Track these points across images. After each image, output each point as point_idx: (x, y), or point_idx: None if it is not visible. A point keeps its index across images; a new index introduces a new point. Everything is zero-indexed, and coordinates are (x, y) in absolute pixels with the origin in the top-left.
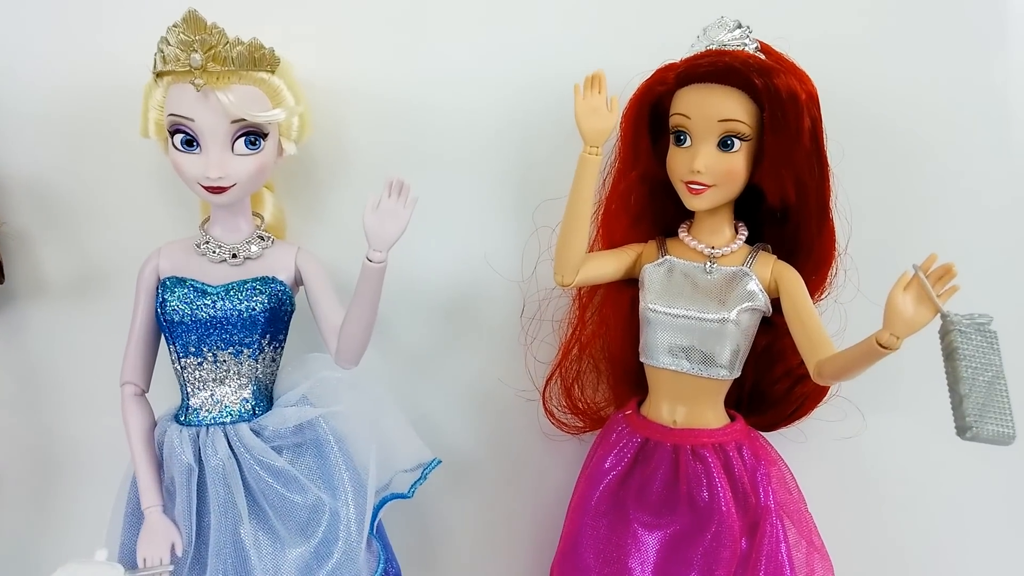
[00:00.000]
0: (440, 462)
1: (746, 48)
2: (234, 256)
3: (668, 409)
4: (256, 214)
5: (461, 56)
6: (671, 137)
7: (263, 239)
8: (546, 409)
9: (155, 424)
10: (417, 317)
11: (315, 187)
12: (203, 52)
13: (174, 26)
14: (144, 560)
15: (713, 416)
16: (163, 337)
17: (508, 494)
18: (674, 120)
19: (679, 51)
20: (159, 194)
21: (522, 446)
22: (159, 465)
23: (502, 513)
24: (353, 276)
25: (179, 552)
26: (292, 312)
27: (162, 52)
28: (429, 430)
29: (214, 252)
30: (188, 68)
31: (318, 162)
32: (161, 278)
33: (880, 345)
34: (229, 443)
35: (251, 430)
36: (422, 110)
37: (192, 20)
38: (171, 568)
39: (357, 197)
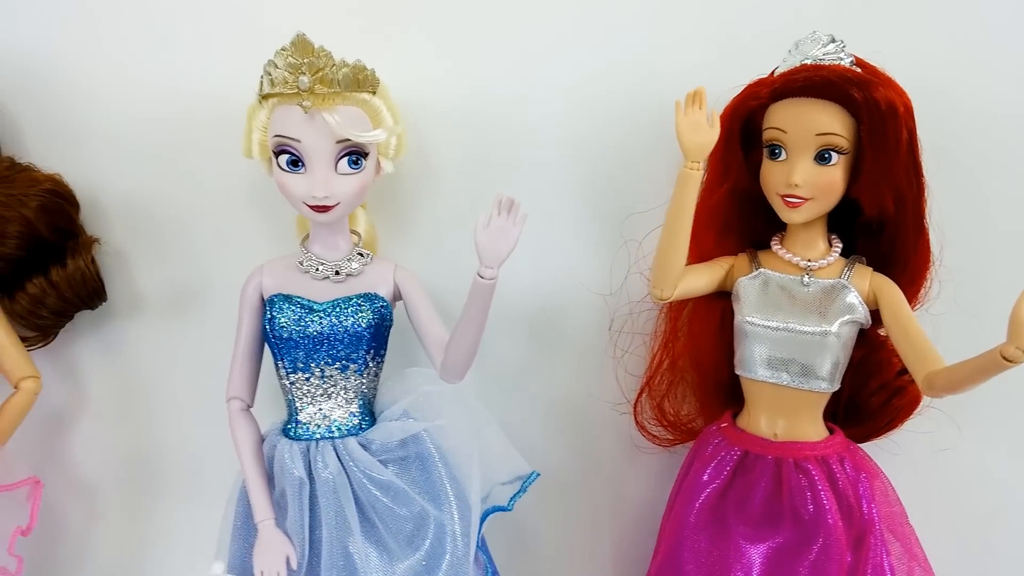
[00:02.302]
0: (539, 475)
1: (842, 62)
2: (337, 273)
3: (767, 422)
4: (353, 232)
5: (547, 68)
6: (765, 151)
7: (362, 255)
8: (637, 422)
9: (262, 438)
10: (504, 331)
11: (399, 202)
12: (311, 75)
13: (282, 49)
14: (262, 573)
15: (813, 429)
16: (271, 353)
17: (595, 507)
18: (769, 134)
19: (765, 65)
20: (251, 211)
21: (609, 459)
22: (269, 478)
23: (589, 525)
24: (437, 290)
25: (294, 565)
26: (391, 327)
27: (269, 75)
28: (516, 443)
29: (317, 269)
30: (296, 90)
31: (403, 177)
32: (266, 295)
33: (1004, 358)
34: (339, 457)
35: (359, 444)
36: (507, 123)
37: (301, 44)
38: None
39: (441, 212)
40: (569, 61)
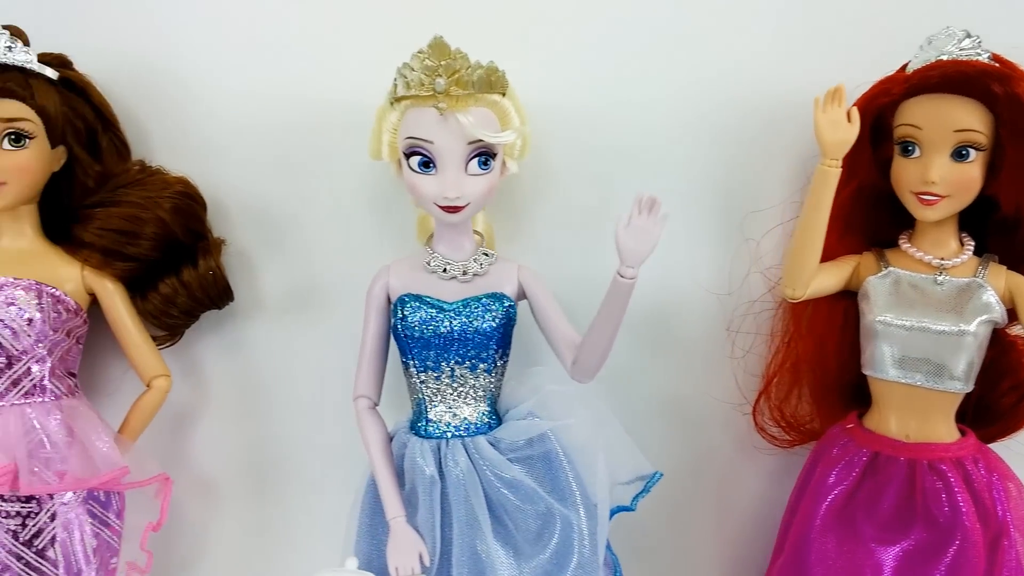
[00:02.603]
0: (662, 475)
1: (980, 58)
2: (464, 273)
3: (898, 423)
4: (476, 232)
5: (663, 68)
6: (897, 148)
7: (487, 255)
8: (756, 423)
9: (389, 436)
10: (621, 329)
11: (512, 202)
12: (447, 77)
13: (419, 52)
14: (396, 569)
15: (946, 430)
16: (400, 352)
17: (709, 506)
18: (902, 131)
19: (891, 62)
20: (369, 213)
21: (723, 459)
22: (398, 475)
23: (703, 525)
24: (554, 290)
25: (427, 562)
26: (514, 326)
27: (404, 78)
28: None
29: (444, 270)
30: (432, 92)
31: (521, 177)
32: (393, 295)
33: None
34: (468, 455)
35: (488, 442)
36: (625, 123)
37: (438, 46)
38: None
39: (557, 212)
40: (688, 63)
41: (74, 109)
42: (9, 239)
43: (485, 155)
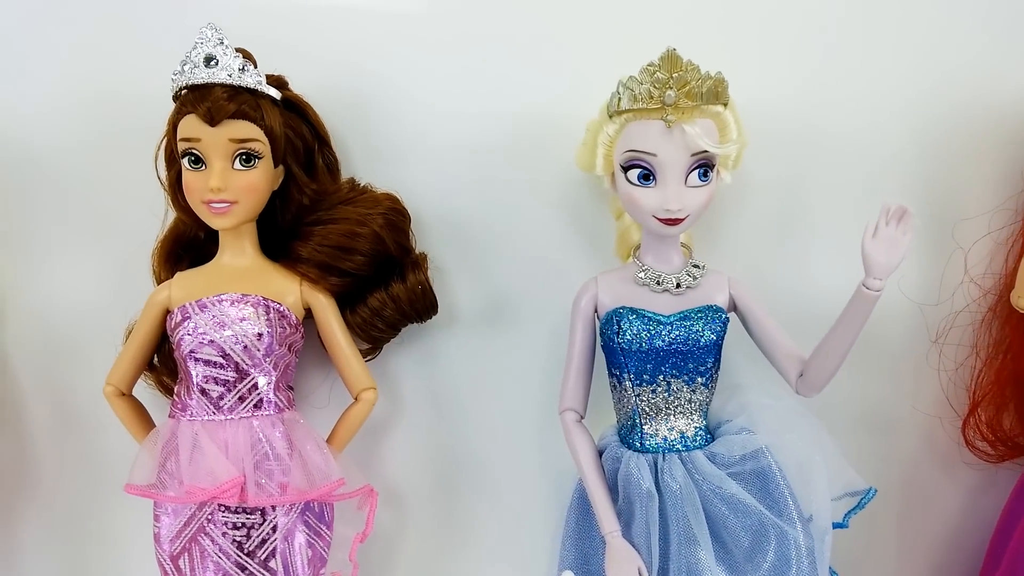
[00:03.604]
0: (876, 491)
1: None
2: (677, 286)
3: None
4: (683, 245)
5: (868, 74)
6: None
7: (698, 267)
8: (965, 437)
9: (598, 449)
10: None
11: (710, 214)
12: (677, 89)
13: (650, 65)
14: None
15: None
16: (610, 365)
17: (908, 520)
18: None
19: None
20: (562, 225)
21: (923, 472)
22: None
23: (902, 538)
24: None
25: None
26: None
27: (631, 91)
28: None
29: (657, 282)
30: (660, 105)
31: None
32: (601, 309)
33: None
34: (686, 469)
35: (705, 457)
36: (828, 129)
37: (670, 58)
38: None
39: (753, 222)
40: (890, 65)
41: (294, 129)
42: (231, 256)
43: (706, 167)
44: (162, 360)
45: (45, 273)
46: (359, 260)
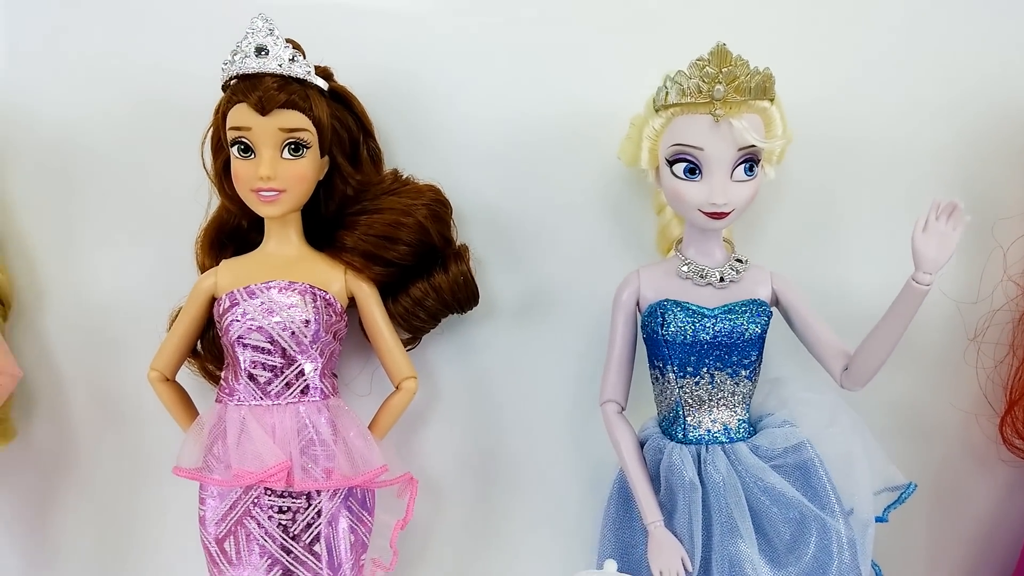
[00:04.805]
0: (916, 486)
1: None
2: (721, 279)
3: None
4: (725, 240)
5: (910, 71)
6: None
7: (741, 261)
8: (1003, 436)
9: (639, 440)
10: (853, 336)
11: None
12: (727, 84)
13: (699, 59)
14: (660, 573)
15: None
16: (652, 357)
17: (942, 515)
18: None
19: None
20: (601, 219)
21: (960, 470)
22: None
23: (942, 535)
24: None
25: (688, 566)
26: None
27: (679, 85)
28: None
29: (700, 276)
30: (709, 100)
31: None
32: (643, 301)
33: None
34: (729, 461)
35: (748, 449)
36: (868, 126)
37: (720, 53)
38: None
39: (791, 220)
40: (932, 63)
41: (340, 120)
42: (276, 244)
43: (751, 161)
44: (206, 347)
45: (86, 262)
46: (403, 250)
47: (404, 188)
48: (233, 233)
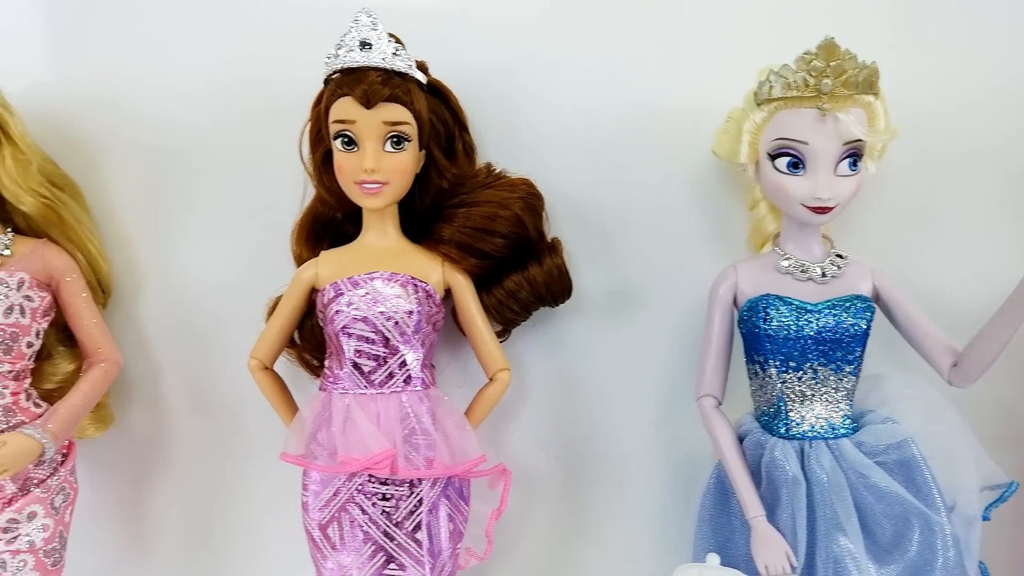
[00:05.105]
0: (1019, 485)
1: None
2: (823, 275)
3: None
4: (823, 235)
5: (1004, 71)
6: None
7: (841, 257)
8: None
9: (738, 435)
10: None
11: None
12: (834, 78)
13: (806, 53)
14: (766, 567)
15: None
16: (751, 351)
17: None
18: None
19: None
20: (690, 214)
21: None
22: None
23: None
24: None
25: (794, 562)
26: None
27: (784, 79)
28: None
29: (801, 271)
30: (816, 94)
31: None
32: (741, 296)
33: None
34: (833, 457)
35: (852, 445)
36: (963, 130)
37: (828, 47)
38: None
39: (888, 213)
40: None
41: (437, 114)
42: (374, 236)
43: (855, 156)
44: (304, 336)
45: (182, 252)
46: (499, 242)
47: (498, 182)
48: (328, 225)
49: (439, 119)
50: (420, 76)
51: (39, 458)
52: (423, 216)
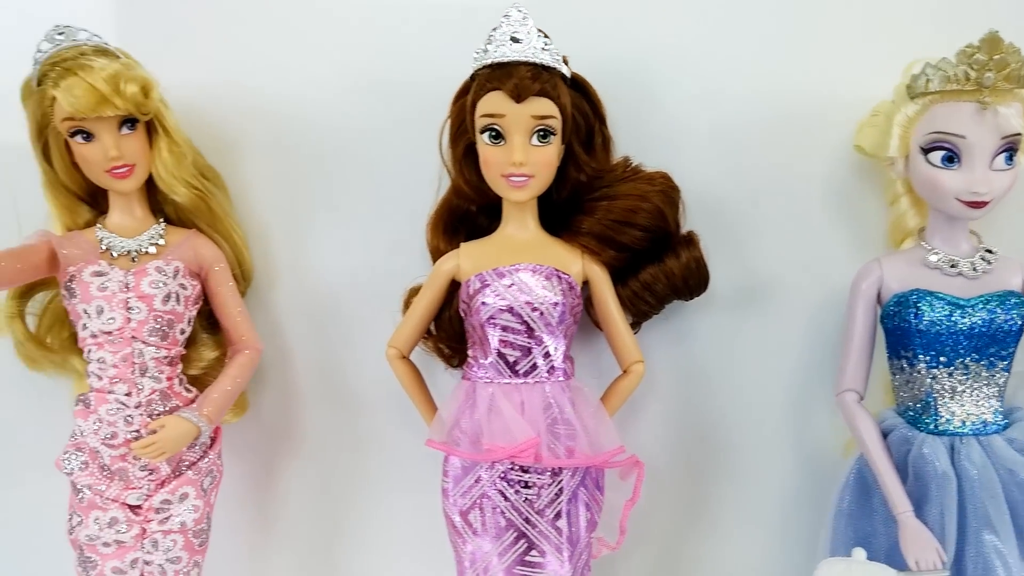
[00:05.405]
0: None
1: None
2: (974, 270)
3: None
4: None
5: None
6: None
7: (991, 252)
8: None
9: (883, 432)
10: None
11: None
12: (996, 72)
13: (968, 46)
14: (916, 563)
15: None
16: (895, 347)
17: None
18: None
19: None
20: (822, 208)
21: None
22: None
23: None
24: None
25: (945, 558)
26: None
27: (943, 72)
28: None
29: (950, 266)
30: (976, 87)
31: None
32: (885, 292)
33: None
34: (985, 453)
35: (1004, 442)
36: None
37: (991, 41)
38: (947, 572)
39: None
40: None
41: (578, 107)
42: (514, 228)
43: (1012, 150)
44: (442, 326)
45: (317, 243)
46: (638, 234)
47: (637, 175)
48: (464, 217)
49: (580, 113)
50: (566, 70)
51: (193, 441)
52: (559, 209)
